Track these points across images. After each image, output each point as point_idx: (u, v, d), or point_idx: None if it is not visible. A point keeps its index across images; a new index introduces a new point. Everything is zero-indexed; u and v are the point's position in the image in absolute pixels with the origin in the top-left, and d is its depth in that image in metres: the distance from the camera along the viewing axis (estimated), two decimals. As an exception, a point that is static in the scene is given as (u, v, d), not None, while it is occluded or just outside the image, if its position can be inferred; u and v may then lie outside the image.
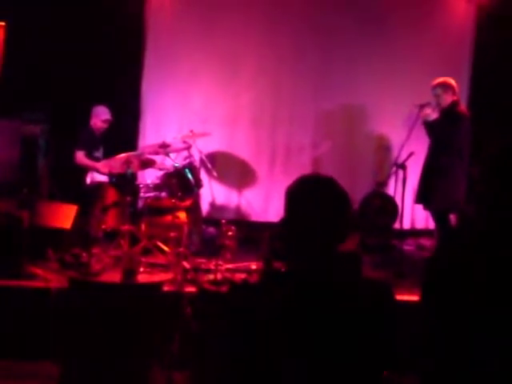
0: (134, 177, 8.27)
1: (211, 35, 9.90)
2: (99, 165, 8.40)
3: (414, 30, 9.89)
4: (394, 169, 8.18)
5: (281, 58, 9.98)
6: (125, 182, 7.79)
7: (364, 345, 2.37)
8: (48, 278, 6.49)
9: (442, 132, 7.66)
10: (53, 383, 5.47)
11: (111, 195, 8.10)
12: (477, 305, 2.80)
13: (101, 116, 8.67)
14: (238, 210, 10.11)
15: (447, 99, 7.74)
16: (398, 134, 9.20)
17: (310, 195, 2.48)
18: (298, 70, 10.00)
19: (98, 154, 8.72)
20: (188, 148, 8.65)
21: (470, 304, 2.82)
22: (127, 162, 7.61)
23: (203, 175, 9.05)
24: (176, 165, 8.15)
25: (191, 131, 8.71)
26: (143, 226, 7.66)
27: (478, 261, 2.85)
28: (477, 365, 2.79)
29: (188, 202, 8.05)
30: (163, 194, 8.12)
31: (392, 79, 9.82)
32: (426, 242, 9.35)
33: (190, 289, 6.08)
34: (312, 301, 2.36)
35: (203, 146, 9.12)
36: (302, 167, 9.75)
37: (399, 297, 2.65)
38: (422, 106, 7.82)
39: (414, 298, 3.07)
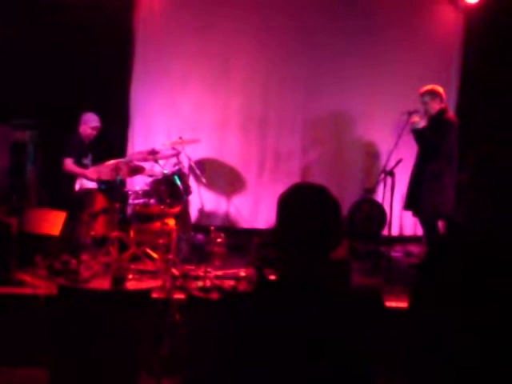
0: (122, 183, 8.27)
1: (200, 41, 9.90)
2: (88, 171, 8.38)
3: (402, 37, 9.93)
4: (383, 176, 8.19)
5: (270, 64, 9.99)
6: (114, 189, 7.79)
7: (355, 351, 2.38)
8: (37, 284, 6.48)
9: (431, 139, 7.69)
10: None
11: (100, 202, 8.08)
12: (466, 311, 2.82)
13: (90, 123, 8.65)
14: (226, 216, 10.11)
15: (435, 107, 7.78)
16: (387, 140, 9.21)
17: (302, 203, 2.48)
18: (286, 77, 10.02)
19: (87, 161, 8.69)
20: (177, 155, 8.65)
21: (459, 310, 2.83)
22: (116, 169, 7.61)
23: (192, 182, 9.08)
24: (165, 171, 8.15)
25: (180, 138, 8.72)
26: (132, 233, 7.65)
27: (467, 267, 2.87)
28: (465, 370, 2.81)
29: (177, 209, 8.04)
30: (152, 201, 8.10)
31: (381, 86, 9.85)
32: (414, 249, 9.38)
33: (179, 296, 6.08)
34: (304, 309, 2.37)
35: (192, 153, 9.13)
36: (290, 174, 9.80)
37: (387, 303, 2.65)
38: (410, 114, 7.85)
39: (403, 304, 3.08)
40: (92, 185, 8.45)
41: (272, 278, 2.57)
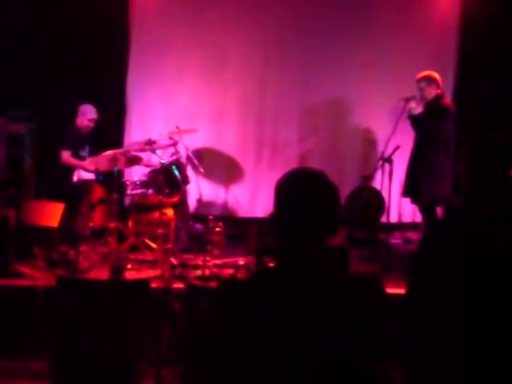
0: (120, 174, 8.27)
1: (196, 31, 9.89)
2: (86, 163, 8.39)
3: (399, 24, 9.91)
4: (381, 162, 8.20)
5: (266, 53, 10.00)
6: (111, 180, 7.78)
7: (355, 339, 2.37)
8: (35, 276, 6.49)
9: (427, 125, 7.69)
10: (42, 381, 5.47)
11: (98, 193, 8.09)
12: (462, 295, 2.82)
13: (87, 115, 8.63)
14: (225, 205, 10.13)
15: (431, 92, 7.77)
16: (384, 127, 9.20)
17: (300, 189, 2.45)
18: (283, 65, 10.01)
19: (84, 153, 8.67)
20: (174, 144, 8.63)
21: (456, 294, 2.83)
22: (113, 160, 7.61)
23: (190, 171, 9.06)
24: (162, 161, 8.14)
25: (177, 127, 8.70)
26: (130, 223, 7.66)
27: (463, 252, 2.87)
28: (463, 354, 2.81)
29: (175, 199, 8.04)
30: (150, 191, 8.09)
31: (377, 73, 9.84)
32: (413, 236, 9.38)
33: (178, 285, 6.07)
34: (303, 296, 2.36)
35: (189, 143, 9.13)
36: (288, 162, 9.78)
37: (386, 290, 2.65)
38: (407, 100, 7.84)
39: (401, 290, 3.08)
40: (90, 176, 8.45)
41: (271, 265, 2.56)
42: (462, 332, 2.82)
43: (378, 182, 8.81)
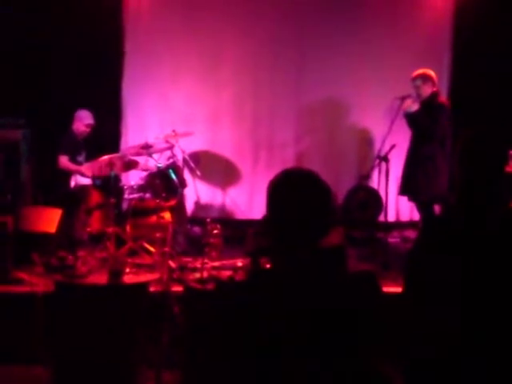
0: (117, 179, 8.27)
1: (190, 34, 9.89)
2: (83, 168, 8.40)
3: (393, 23, 9.91)
4: (377, 161, 8.19)
5: (260, 53, 9.98)
6: (109, 184, 7.79)
7: (352, 336, 2.37)
8: (34, 282, 6.49)
9: (423, 123, 7.69)
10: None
11: (95, 198, 8.09)
12: (460, 292, 2.82)
13: (84, 120, 8.65)
14: (222, 208, 10.12)
15: (427, 90, 7.78)
16: (380, 126, 9.19)
17: (292, 189, 2.46)
18: (277, 66, 10.00)
19: (81, 158, 8.68)
20: (171, 148, 8.65)
21: (453, 292, 2.83)
22: (110, 164, 7.60)
23: (187, 175, 9.08)
24: (159, 165, 8.15)
25: (173, 131, 8.70)
26: (128, 228, 7.66)
27: (460, 249, 2.87)
28: (459, 353, 2.81)
29: (172, 202, 8.04)
30: (147, 195, 8.10)
31: (372, 72, 9.83)
32: (411, 234, 9.35)
33: (177, 288, 6.08)
34: (298, 296, 2.36)
35: (186, 146, 9.10)
36: (285, 163, 9.73)
37: (385, 288, 2.64)
38: (402, 98, 7.84)
39: (400, 289, 3.07)
40: (87, 181, 8.45)
41: (267, 266, 2.56)
42: (462, 330, 2.82)
43: (375, 181, 8.81)
